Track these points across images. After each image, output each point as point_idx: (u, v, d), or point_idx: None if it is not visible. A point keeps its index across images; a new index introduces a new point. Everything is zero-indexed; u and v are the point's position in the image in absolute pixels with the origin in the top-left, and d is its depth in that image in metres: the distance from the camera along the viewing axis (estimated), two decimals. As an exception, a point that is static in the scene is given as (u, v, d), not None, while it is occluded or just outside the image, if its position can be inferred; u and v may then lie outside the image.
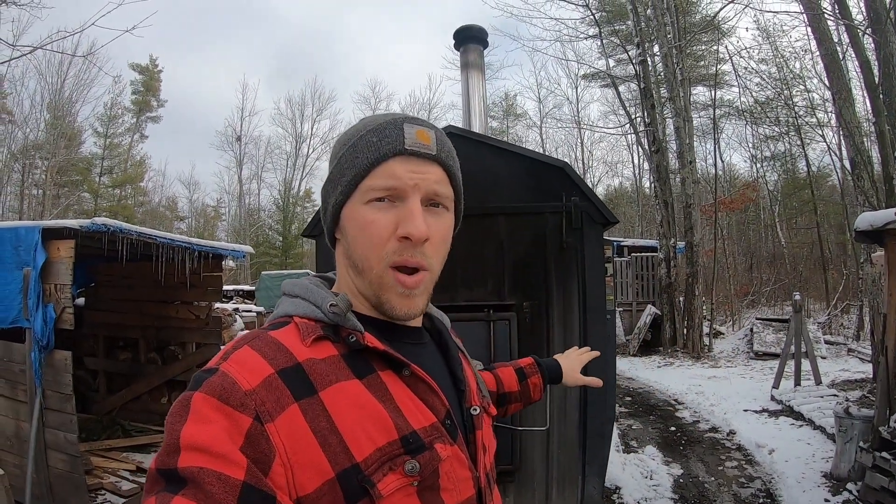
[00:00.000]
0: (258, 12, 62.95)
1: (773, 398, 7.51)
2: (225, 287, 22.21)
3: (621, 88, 18.41)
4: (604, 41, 17.93)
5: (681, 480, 5.02)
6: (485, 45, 5.11)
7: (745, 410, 7.18)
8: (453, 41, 5.08)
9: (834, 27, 10.57)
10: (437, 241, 0.76)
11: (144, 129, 34.35)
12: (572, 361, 1.42)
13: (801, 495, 4.50)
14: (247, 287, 22.05)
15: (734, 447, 5.95)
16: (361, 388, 0.67)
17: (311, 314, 0.73)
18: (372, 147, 0.73)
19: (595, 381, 1.41)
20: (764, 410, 7.13)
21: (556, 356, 1.40)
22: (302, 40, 63.72)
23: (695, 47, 19.51)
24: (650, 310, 12.54)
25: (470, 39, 4.93)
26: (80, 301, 7.44)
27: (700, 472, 5.24)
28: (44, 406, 4.12)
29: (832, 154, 18.99)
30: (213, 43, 62.41)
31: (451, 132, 3.04)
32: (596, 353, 1.49)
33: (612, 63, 20.07)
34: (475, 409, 0.83)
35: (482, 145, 3.03)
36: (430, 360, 0.81)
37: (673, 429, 6.77)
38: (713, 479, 5.05)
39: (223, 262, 5.94)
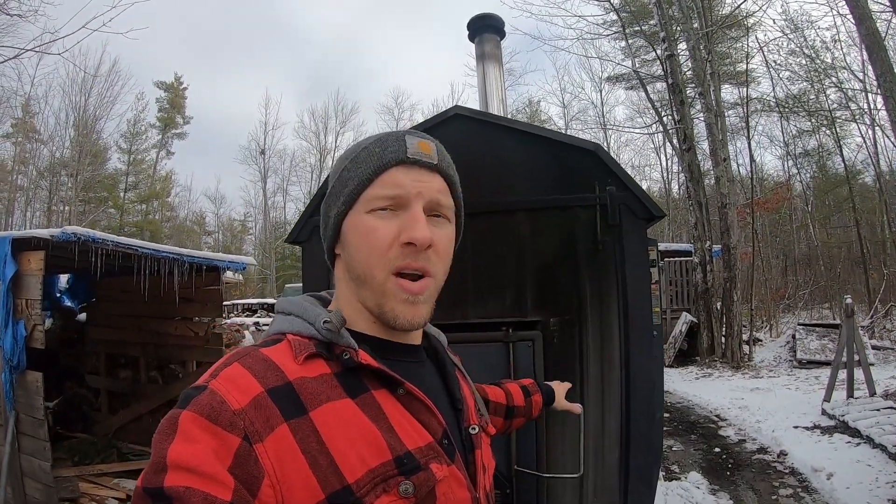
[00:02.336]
0: (281, 28, 63.84)
1: (824, 412, 6.86)
2: (249, 300, 22.44)
3: (647, 91, 17.80)
4: (629, 41, 17.35)
5: (731, 513, 4.45)
6: (501, 34, 4.69)
7: (795, 427, 6.54)
8: (467, 32, 4.67)
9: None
10: (440, 250, 0.76)
11: (170, 145, 35.03)
12: (557, 386, 1.52)
13: (867, 530, 3.91)
14: (271, 300, 22.04)
15: (787, 471, 5.34)
16: (353, 408, 0.67)
17: (304, 331, 0.73)
18: (374, 157, 0.76)
19: (576, 407, 1.53)
20: (816, 427, 6.49)
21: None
22: (325, 55, 64.43)
23: (720, 45, 18.82)
24: (685, 317, 11.88)
25: (485, 29, 4.48)
26: (83, 316, 7.22)
27: (752, 502, 4.66)
28: (18, 430, 3.77)
29: (868, 148, 18.27)
30: (236, 59, 63.43)
31: (459, 114, 2.53)
32: (568, 384, 1.58)
33: (637, 63, 19.44)
34: (474, 429, 0.84)
35: (495, 128, 2.50)
36: (427, 379, 0.81)
37: (717, 450, 6.18)
38: (767, 510, 4.45)
39: (223, 275, 5.50)
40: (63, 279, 7.17)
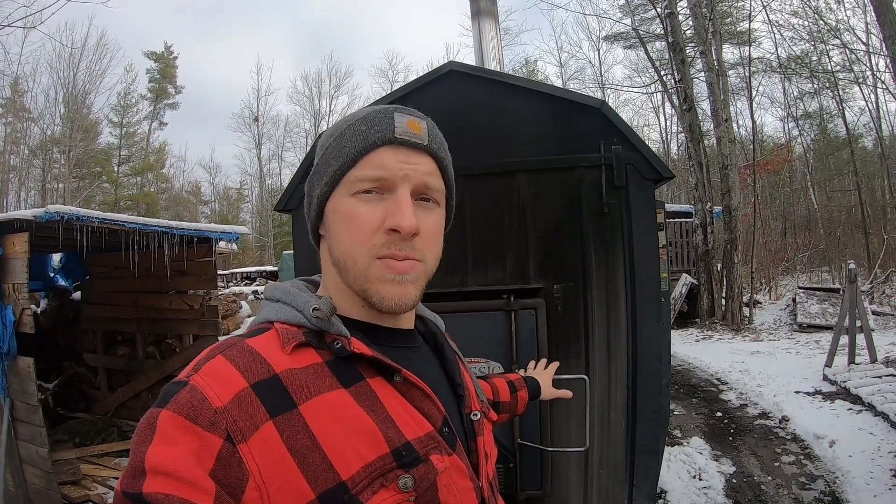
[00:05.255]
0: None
1: (825, 378, 6.84)
2: (248, 269, 22.41)
3: (647, 49, 17.39)
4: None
5: (734, 480, 4.42)
6: None
7: (797, 392, 6.52)
8: None
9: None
10: (427, 237, 0.72)
11: (163, 116, 34.50)
12: (542, 376, 1.52)
13: (871, 501, 3.86)
14: (270, 268, 22.07)
15: (789, 437, 5.31)
16: (347, 399, 0.64)
17: (292, 319, 0.69)
18: (360, 136, 0.71)
19: (565, 393, 1.53)
20: (817, 392, 6.47)
21: (528, 375, 1.48)
22: (317, 19, 63.00)
23: (722, 4, 18.31)
24: (686, 279, 11.80)
25: (480, -17, 4.30)
26: (77, 295, 7.11)
27: (755, 469, 4.63)
28: (14, 417, 3.71)
29: (871, 112, 18.02)
30: (227, 25, 62.05)
31: (454, 70, 2.36)
32: (556, 364, 1.63)
33: (636, 22, 18.91)
34: (475, 415, 0.80)
35: (493, 84, 2.33)
36: (424, 365, 0.77)
37: (719, 414, 6.16)
38: (770, 478, 4.43)
39: (216, 246, 5.37)
40: (56, 258, 7.03)
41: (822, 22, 17.28)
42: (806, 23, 17.76)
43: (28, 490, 3.89)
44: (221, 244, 5.57)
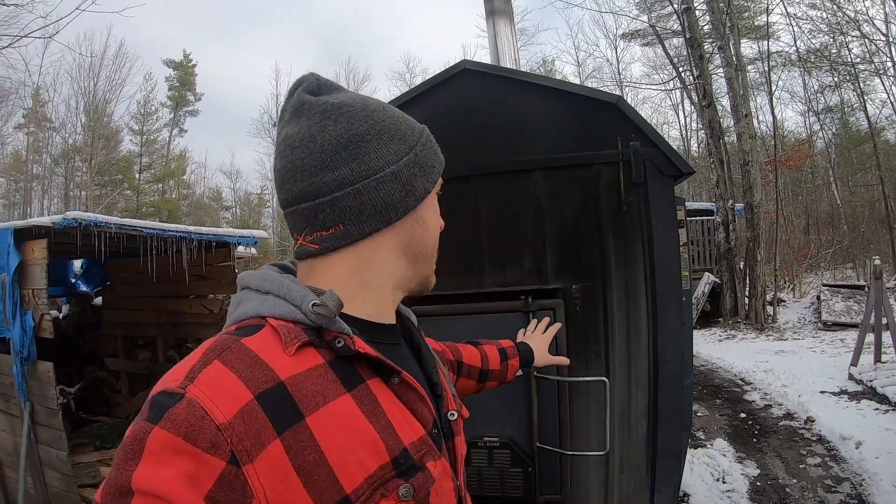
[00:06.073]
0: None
1: (851, 377, 6.71)
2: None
3: (665, 45, 17.22)
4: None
5: (758, 483, 4.34)
6: None
7: (822, 392, 6.41)
8: None
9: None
10: None
11: (183, 123, 34.95)
12: (540, 341, 1.53)
13: (899, 505, 3.75)
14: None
15: (814, 438, 5.21)
16: (352, 406, 0.62)
17: (288, 315, 0.64)
18: (436, 145, 0.81)
19: (563, 360, 1.56)
20: (843, 392, 6.34)
21: (522, 340, 1.50)
22: (334, 24, 63.48)
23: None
24: (708, 278, 11.65)
25: (493, -18, 4.26)
26: (99, 301, 7.21)
27: (779, 471, 4.54)
28: (34, 421, 3.77)
29: (893, 104, 17.56)
30: (244, 32, 62.77)
31: (467, 69, 2.33)
32: (558, 325, 1.67)
33: (652, 19, 18.72)
34: (453, 415, 0.80)
35: (507, 82, 2.29)
36: (407, 364, 0.76)
37: (743, 415, 6.08)
38: (795, 480, 4.34)
39: (235, 250, 5.40)
40: (77, 264, 7.14)
41: (840, 13, 16.97)
42: (824, 14, 17.44)
43: (48, 492, 3.95)
44: (240, 248, 5.59)
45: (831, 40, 17.67)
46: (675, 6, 12.43)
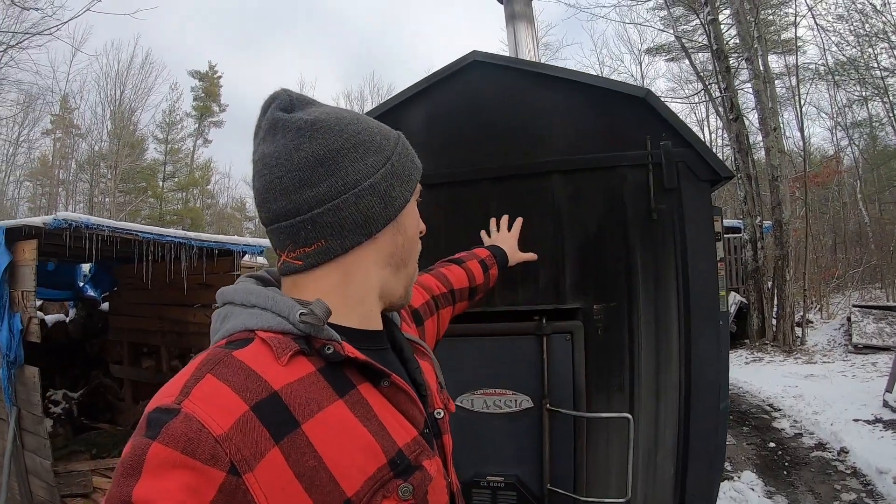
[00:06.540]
0: (314, 11, 64.11)
1: (886, 404, 6.35)
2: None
3: (691, 57, 16.94)
4: (670, 9, 16.42)
5: (789, 520, 4.05)
6: None
7: (856, 420, 6.05)
8: None
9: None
10: None
11: (207, 133, 35.33)
12: (507, 239, 1.58)
13: (939, 545, 3.50)
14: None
15: (849, 471, 4.90)
16: (345, 411, 0.63)
17: (276, 326, 0.64)
18: (411, 150, 0.79)
19: (530, 256, 1.58)
20: (877, 420, 5.99)
21: (491, 243, 1.56)
22: (359, 37, 64.34)
23: (764, 11, 17.71)
24: (734, 298, 11.24)
25: (513, -14, 4.09)
26: (105, 305, 7.13)
27: (812, 508, 4.22)
28: (20, 427, 3.63)
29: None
30: (269, 44, 63.98)
31: (478, 60, 2.09)
32: (520, 220, 1.63)
33: (677, 32, 18.43)
34: (439, 413, 0.81)
35: (522, 74, 2.03)
36: (394, 367, 0.76)
37: (772, 445, 5.74)
38: (828, 519, 4.06)
39: (241, 259, 5.22)
40: (85, 268, 7.08)
41: (868, 24, 16.53)
42: (852, 27, 17.00)
43: (33, 500, 3.84)
44: (247, 258, 5.42)
45: (859, 52, 17.21)
46: (702, 17, 12.12)
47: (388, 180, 0.73)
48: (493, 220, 1.70)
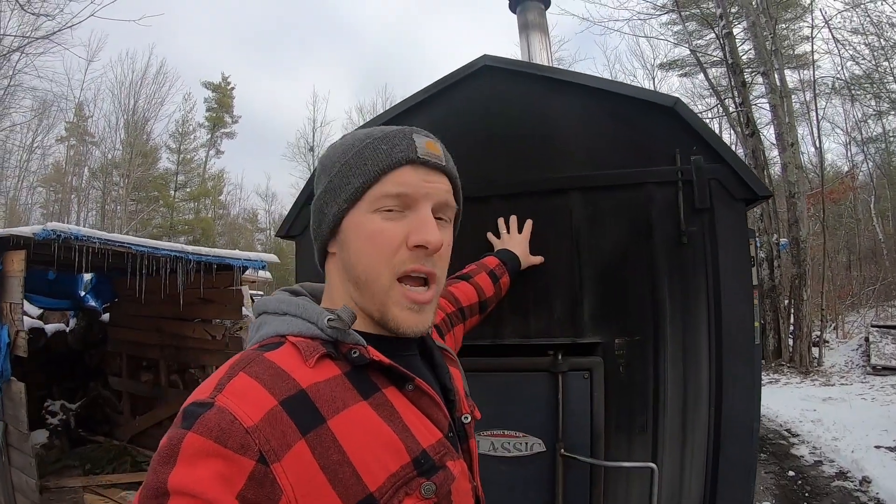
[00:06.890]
0: (328, 25, 64.76)
1: (908, 430, 6.20)
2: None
3: (702, 77, 16.83)
4: (684, 23, 16.27)
5: (811, 559, 3.88)
6: (546, 2, 4.22)
7: (877, 447, 5.88)
8: (508, 2, 4.21)
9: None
10: (445, 254, 0.77)
11: (220, 144, 35.60)
12: (519, 244, 1.59)
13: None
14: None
15: (872, 503, 4.73)
16: (369, 411, 0.66)
17: (306, 332, 0.69)
18: (382, 154, 0.73)
19: (539, 259, 1.62)
20: (901, 447, 5.82)
21: (501, 246, 1.57)
22: (372, 51, 64.98)
23: (779, 25, 17.55)
24: (750, 318, 10.97)
25: (528, -4, 3.95)
26: (106, 316, 7.02)
27: (835, 545, 4.09)
28: (7, 443, 3.49)
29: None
30: (283, 57, 64.70)
31: (489, 64, 1.91)
32: (530, 222, 1.64)
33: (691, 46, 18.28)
34: (466, 418, 0.83)
35: (537, 81, 1.85)
36: (422, 372, 0.79)
37: (791, 474, 5.56)
38: (852, 556, 3.90)
39: (242, 273, 5.05)
40: (86, 278, 6.97)
41: (883, 39, 16.32)
42: (867, 40, 16.79)
43: None
44: (249, 272, 5.27)
45: (874, 66, 16.97)
46: (717, 30, 11.96)
47: (323, 198, 0.77)
48: (500, 220, 1.68)
